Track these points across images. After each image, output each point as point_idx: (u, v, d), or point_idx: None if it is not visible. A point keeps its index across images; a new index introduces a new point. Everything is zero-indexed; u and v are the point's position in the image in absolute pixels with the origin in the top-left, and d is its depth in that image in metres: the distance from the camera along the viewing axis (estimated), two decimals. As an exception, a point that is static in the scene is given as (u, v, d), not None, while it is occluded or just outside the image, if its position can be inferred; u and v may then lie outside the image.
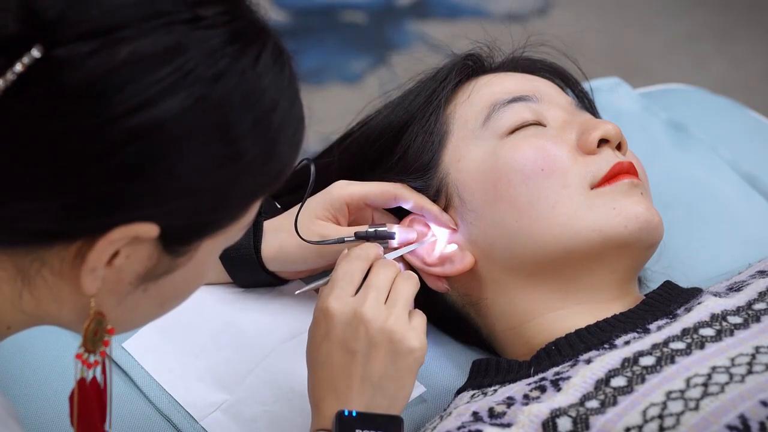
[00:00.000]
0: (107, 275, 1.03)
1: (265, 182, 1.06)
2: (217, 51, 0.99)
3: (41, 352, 1.49)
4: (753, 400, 1.20)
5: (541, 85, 1.48)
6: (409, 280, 1.32)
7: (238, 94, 1.00)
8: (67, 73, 0.96)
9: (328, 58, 3.14)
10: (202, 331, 1.49)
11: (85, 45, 0.96)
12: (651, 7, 3.36)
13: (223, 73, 0.99)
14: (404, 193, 1.42)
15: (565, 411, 1.24)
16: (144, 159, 0.98)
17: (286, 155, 1.06)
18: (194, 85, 0.98)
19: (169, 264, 1.05)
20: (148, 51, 0.97)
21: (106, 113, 0.96)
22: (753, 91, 3.10)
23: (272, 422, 1.43)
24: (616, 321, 1.36)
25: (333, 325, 1.29)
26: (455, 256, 1.42)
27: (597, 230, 1.37)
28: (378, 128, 1.48)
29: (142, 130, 0.97)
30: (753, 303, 1.35)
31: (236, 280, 1.48)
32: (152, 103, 0.97)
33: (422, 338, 1.29)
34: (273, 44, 1.03)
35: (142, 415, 1.45)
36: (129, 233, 1.00)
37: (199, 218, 1.03)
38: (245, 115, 1.01)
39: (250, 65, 1.01)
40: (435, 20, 3.27)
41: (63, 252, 1.02)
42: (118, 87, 0.96)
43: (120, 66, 0.96)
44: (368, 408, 1.27)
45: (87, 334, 1.07)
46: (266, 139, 1.03)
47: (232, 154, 1.01)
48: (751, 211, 1.73)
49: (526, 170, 1.39)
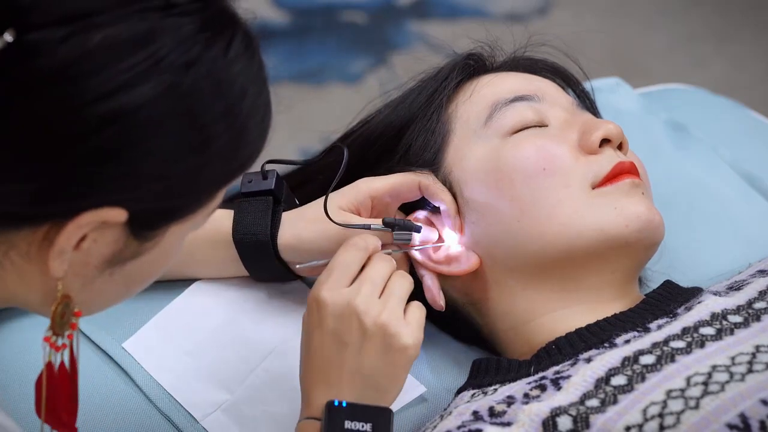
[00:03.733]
0: (74, 258, 1.04)
1: (233, 168, 1.07)
2: (188, 39, 1.00)
3: (40, 352, 1.49)
4: (753, 398, 1.20)
5: (542, 84, 1.48)
6: (405, 277, 1.32)
7: (208, 81, 1.01)
8: (39, 58, 0.96)
9: (328, 58, 3.14)
10: (203, 331, 1.49)
11: (58, 30, 0.97)
12: (651, 7, 3.36)
13: (195, 61, 1.00)
14: (429, 183, 1.42)
15: (565, 410, 1.25)
16: (114, 144, 0.99)
17: (254, 141, 1.07)
18: (166, 72, 0.99)
19: (136, 248, 1.06)
20: (121, 37, 0.98)
21: (78, 98, 0.97)
22: (753, 91, 3.10)
23: (272, 422, 1.43)
24: (616, 320, 1.36)
25: (325, 315, 1.29)
26: (461, 256, 1.42)
27: (598, 230, 1.37)
28: (379, 128, 1.49)
29: (113, 116, 0.98)
30: (753, 302, 1.35)
31: (248, 267, 1.48)
32: (124, 89, 0.98)
33: (416, 335, 1.29)
34: (243, 32, 1.04)
35: (142, 415, 1.45)
36: (98, 218, 1.01)
37: (168, 204, 1.04)
38: (215, 102, 1.02)
39: (221, 53, 1.02)
40: (435, 20, 3.27)
41: (31, 235, 1.02)
42: (90, 73, 0.97)
43: (93, 52, 0.97)
44: (358, 400, 1.27)
45: (54, 317, 1.08)
46: (235, 126, 1.04)
47: (202, 141, 1.02)
48: (751, 211, 1.73)
49: (527, 170, 1.39)
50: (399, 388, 1.29)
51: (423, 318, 1.31)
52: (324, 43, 3.19)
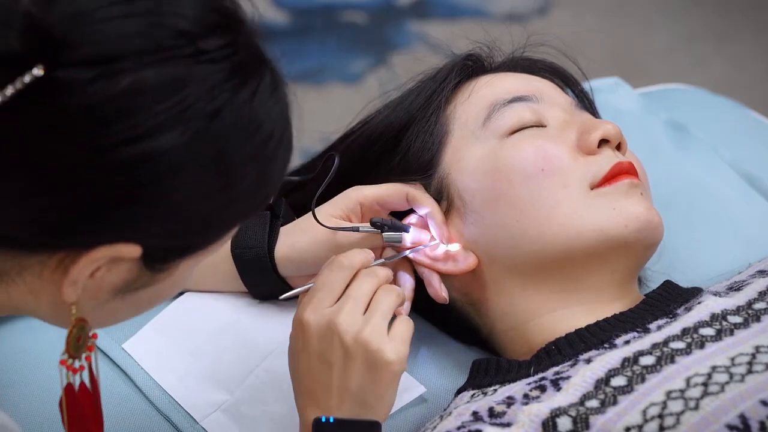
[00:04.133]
0: (87, 284, 1.04)
1: (252, 207, 1.07)
2: (217, 86, 1.00)
3: (41, 353, 1.49)
4: (753, 399, 1.20)
5: (541, 85, 1.48)
6: (391, 291, 1.31)
7: (234, 127, 1.01)
8: (67, 96, 0.96)
9: (328, 58, 3.14)
10: (203, 332, 1.49)
11: (87, 70, 0.96)
12: (651, 7, 3.36)
13: (222, 108, 1.00)
14: (416, 195, 1.42)
15: (565, 410, 1.24)
16: (135, 187, 0.99)
17: (274, 181, 1.07)
18: (192, 119, 0.99)
19: (148, 279, 1.06)
20: (149, 83, 0.97)
21: (103, 141, 0.97)
22: (753, 91, 3.09)
23: (272, 422, 1.43)
24: (616, 321, 1.36)
25: (309, 337, 1.28)
26: (458, 255, 1.42)
27: (597, 230, 1.37)
28: (378, 128, 1.48)
29: (136, 161, 0.98)
30: (753, 302, 1.35)
31: (247, 282, 1.48)
32: (149, 135, 0.98)
33: (400, 350, 1.27)
34: (271, 74, 1.04)
35: (142, 415, 1.45)
36: (112, 253, 1.01)
37: (184, 241, 1.05)
38: (240, 147, 1.02)
39: (248, 98, 1.01)
40: (435, 20, 3.27)
41: (46, 260, 1.03)
42: (116, 116, 0.97)
43: (120, 96, 0.97)
44: (349, 417, 1.26)
45: (70, 340, 1.09)
46: (259, 169, 1.04)
47: (225, 184, 1.02)
48: (751, 211, 1.73)
49: (526, 170, 1.39)
50: (388, 403, 1.28)
51: (409, 332, 1.29)
52: (324, 43, 3.19)
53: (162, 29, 0.99)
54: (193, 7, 1.00)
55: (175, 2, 1.00)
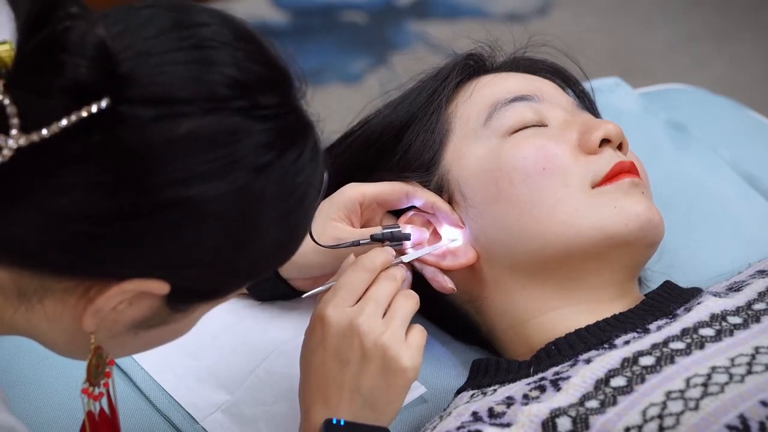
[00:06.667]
0: (107, 316, 1.05)
1: (277, 261, 1.10)
2: (267, 144, 1.02)
3: (42, 353, 1.48)
4: (753, 400, 1.20)
5: (542, 85, 1.48)
6: (410, 298, 1.32)
7: (275, 187, 1.03)
8: (127, 131, 0.98)
9: (328, 58, 3.14)
10: (203, 332, 1.48)
11: (150, 109, 0.98)
12: (651, 7, 3.36)
13: (268, 166, 1.02)
14: (416, 191, 1.42)
15: (564, 411, 1.24)
16: (175, 227, 1.01)
17: (299, 238, 1.10)
18: (240, 172, 1.01)
19: (165, 317, 1.08)
20: (206, 132, 1.00)
21: (154, 179, 0.99)
22: (753, 91, 3.10)
23: (273, 422, 1.43)
24: (615, 321, 1.36)
25: (328, 334, 1.29)
26: (458, 251, 1.42)
27: (598, 229, 1.37)
28: (379, 128, 1.49)
29: (181, 202, 1.00)
30: (753, 303, 1.35)
31: (250, 288, 1.49)
32: (199, 180, 1.00)
33: (416, 358, 1.28)
34: (314, 141, 1.06)
35: (142, 415, 1.45)
36: (142, 287, 1.03)
37: (209, 286, 1.07)
38: (276, 206, 1.04)
39: (292, 161, 1.04)
40: (435, 20, 3.27)
41: (72, 287, 1.04)
42: (170, 159, 0.99)
43: (178, 140, 0.99)
44: (355, 418, 1.27)
45: (90, 369, 1.11)
46: (288, 228, 1.07)
47: (254, 238, 1.04)
48: (751, 211, 1.73)
49: (527, 169, 1.39)
50: (396, 409, 1.28)
51: (424, 341, 1.30)
52: (324, 43, 3.19)
53: (222, 78, 1.01)
54: (252, 59, 1.03)
55: (239, 55, 1.02)
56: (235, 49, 1.02)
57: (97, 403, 1.14)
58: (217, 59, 1.01)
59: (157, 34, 1.00)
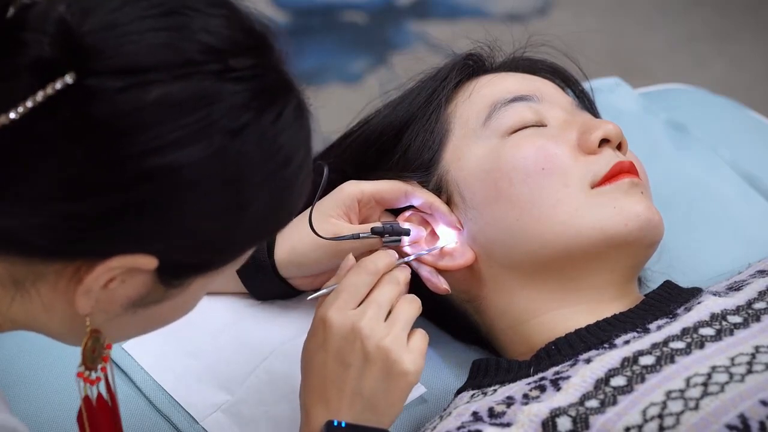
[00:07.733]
0: (101, 296, 1.04)
1: (265, 232, 1.09)
2: (242, 105, 1.00)
3: (42, 353, 1.49)
4: (753, 399, 1.20)
5: (541, 85, 1.48)
6: (413, 302, 1.32)
7: (255, 148, 1.01)
8: (95, 104, 0.97)
9: (328, 58, 3.14)
10: (203, 332, 1.49)
11: (117, 80, 0.97)
12: (651, 7, 3.36)
13: (245, 128, 1.01)
14: (415, 190, 1.42)
15: (564, 410, 1.25)
16: (153, 198, 0.99)
17: (291, 204, 1.08)
18: (215, 136, 0.99)
19: (161, 294, 1.07)
20: (177, 97, 0.98)
21: (126, 150, 0.98)
22: (753, 91, 3.10)
23: (273, 423, 1.43)
24: (616, 321, 1.36)
25: (330, 336, 1.29)
26: (455, 252, 1.42)
27: (598, 228, 1.37)
28: (378, 128, 1.49)
29: (157, 172, 0.99)
30: (753, 302, 1.35)
31: (249, 288, 1.48)
32: (172, 148, 0.98)
33: (418, 362, 1.29)
34: (296, 100, 1.05)
35: (142, 415, 1.45)
36: (128, 263, 1.02)
37: (199, 257, 1.05)
38: (259, 169, 1.02)
39: (271, 122, 1.02)
40: (435, 20, 3.27)
41: (61, 270, 1.03)
42: (142, 127, 0.98)
43: (147, 107, 0.98)
44: (356, 421, 1.27)
45: (86, 352, 1.09)
46: (274, 193, 1.04)
47: (240, 204, 1.03)
48: (751, 211, 1.73)
49: (527, 169, 1.39)
50: (397, 411, 1.29)
51: (426, 346, 1.31)
52: (324, 43, 3.19)
53: (192, 44, 1.00)
54: (224, 25, 1.02)
55: (207, 19, 1.01)
56: (207, 15, 1.01)
57: (94, 387, 1.13)
58: (187, 25, 1.00)
59: (122, 5, 0.99)
